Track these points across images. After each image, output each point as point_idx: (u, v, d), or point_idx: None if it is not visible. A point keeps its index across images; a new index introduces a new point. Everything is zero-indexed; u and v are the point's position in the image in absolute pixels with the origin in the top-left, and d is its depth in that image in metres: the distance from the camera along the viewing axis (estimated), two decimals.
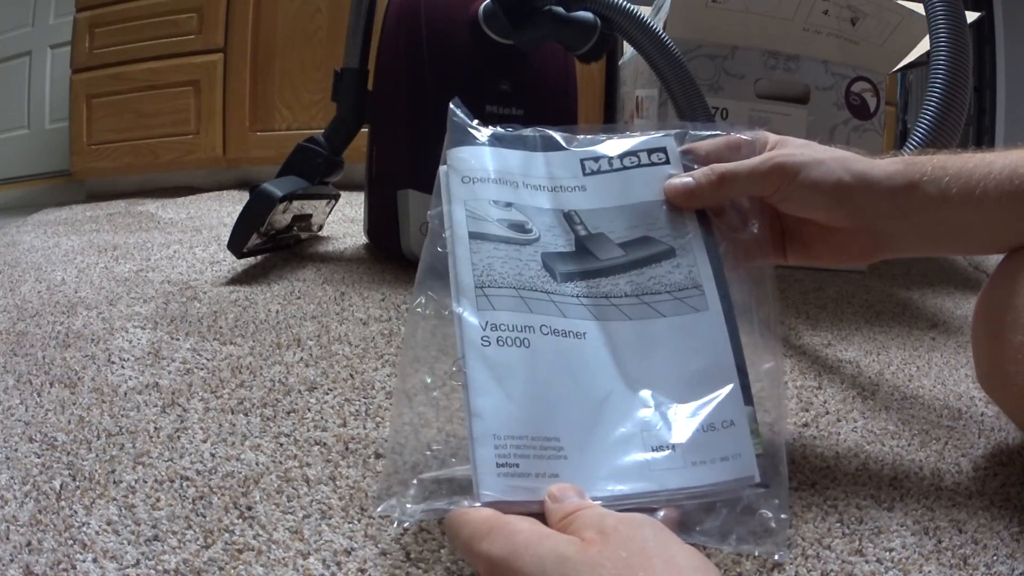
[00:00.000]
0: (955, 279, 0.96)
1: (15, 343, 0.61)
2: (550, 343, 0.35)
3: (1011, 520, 0.37)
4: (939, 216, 0.38)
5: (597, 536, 0.26)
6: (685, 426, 0.34)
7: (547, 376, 0.34)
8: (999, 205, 0.37)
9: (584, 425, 0.33)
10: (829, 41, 0.90)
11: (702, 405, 0.34)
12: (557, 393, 0.34)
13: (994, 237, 0.39)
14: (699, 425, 0.34)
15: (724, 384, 0.35)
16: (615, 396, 0.34)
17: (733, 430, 0.34)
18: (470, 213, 0.38)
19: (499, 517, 0.28)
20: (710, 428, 0.34)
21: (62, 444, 0.43)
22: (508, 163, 0.41)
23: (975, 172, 0.37)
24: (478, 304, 0.35)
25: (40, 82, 1.97)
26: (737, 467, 0.33)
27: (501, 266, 0.36)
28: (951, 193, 0.37)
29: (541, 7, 0.76)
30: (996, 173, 0.37)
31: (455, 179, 0.40)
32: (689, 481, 0.32)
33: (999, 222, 0.38)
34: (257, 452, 0.43)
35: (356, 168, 0.95)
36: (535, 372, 0.34)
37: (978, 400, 0.54)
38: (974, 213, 0.38)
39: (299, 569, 0.33)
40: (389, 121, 0.85)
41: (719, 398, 0.34)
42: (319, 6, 1.61)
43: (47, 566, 0.32)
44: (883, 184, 0.38)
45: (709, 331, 0.36)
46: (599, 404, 0.34)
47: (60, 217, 1.29)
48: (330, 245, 1.03)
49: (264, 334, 0.63)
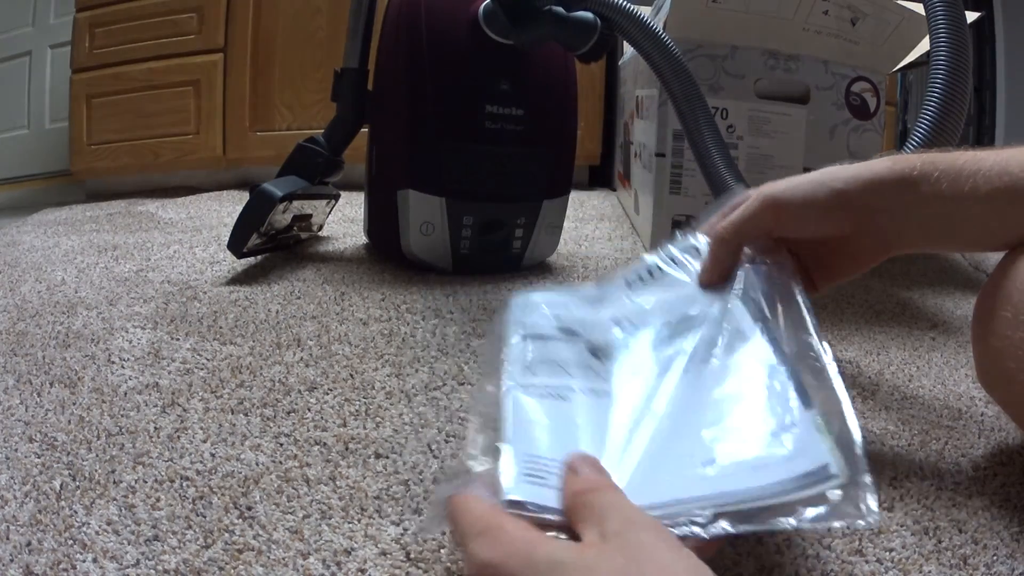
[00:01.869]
0: (955, 279, 0.96)
1: (15, 343, 0.61)
2: (584, 400, 0.36)
3: (1011, 520, 0.37)
4: (933, 211, 0.39)
5: (596, 539, 0.25)
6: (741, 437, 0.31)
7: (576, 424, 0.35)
8: (989, 201, 0.37)
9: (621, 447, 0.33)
10: (829, 41, 0.90)
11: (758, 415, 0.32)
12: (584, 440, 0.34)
13: (988, 233, 0.40)
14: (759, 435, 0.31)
15: (779, 391, 0.33)
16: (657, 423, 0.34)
17: (796, 432, 0.30)
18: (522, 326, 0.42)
19: (495, 517, 0.27)
20: (771, 435, 0.31)
21: (62, 444, 0.43)
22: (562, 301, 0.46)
23: (964, 168, 0.37)
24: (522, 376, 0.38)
25: (40, 82, 1.97)
26: (806, 462, 0.29)
27: (545, 353, 0.39)
28: (941, 188, 0.38)
29: (541, 7, 0.76)
30: (986, 170, 0.37)
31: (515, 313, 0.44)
32: (748, 483, 0.29)
33: (990, 218, 0.38)
34: (257, 452, 0.43)
35: (356, 168, 0.95)
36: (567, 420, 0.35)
37: (978, 400, 0.54)
38: (965, 208, 0.38)
39: (299, 569, 0.33)
40: (389, 121, 0.85)
41: (775, 404, 0.32)
42: (319, 6, 1.62)
43: (47, 566, 0.32)
44: (874, 182, 0.39)
45: (754, 351, 0.35)
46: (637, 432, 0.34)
47: (60, 217, 1.29)
48: (330, 245, 1.03)
49: (264, 334, 0.63)
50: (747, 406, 0.33)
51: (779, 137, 0.92)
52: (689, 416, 0.34)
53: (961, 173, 0.37)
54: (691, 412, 0.34)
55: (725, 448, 0.31)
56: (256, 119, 1.64)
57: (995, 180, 0.36)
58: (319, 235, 1.09)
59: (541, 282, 0.84)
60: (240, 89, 1.61)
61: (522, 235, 0.87)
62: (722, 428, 0.32)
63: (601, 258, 0.97)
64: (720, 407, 0.33)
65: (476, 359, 0.59)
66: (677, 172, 0.94)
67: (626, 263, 0.94)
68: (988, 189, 0.37)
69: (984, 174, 0.37)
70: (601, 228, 1.20)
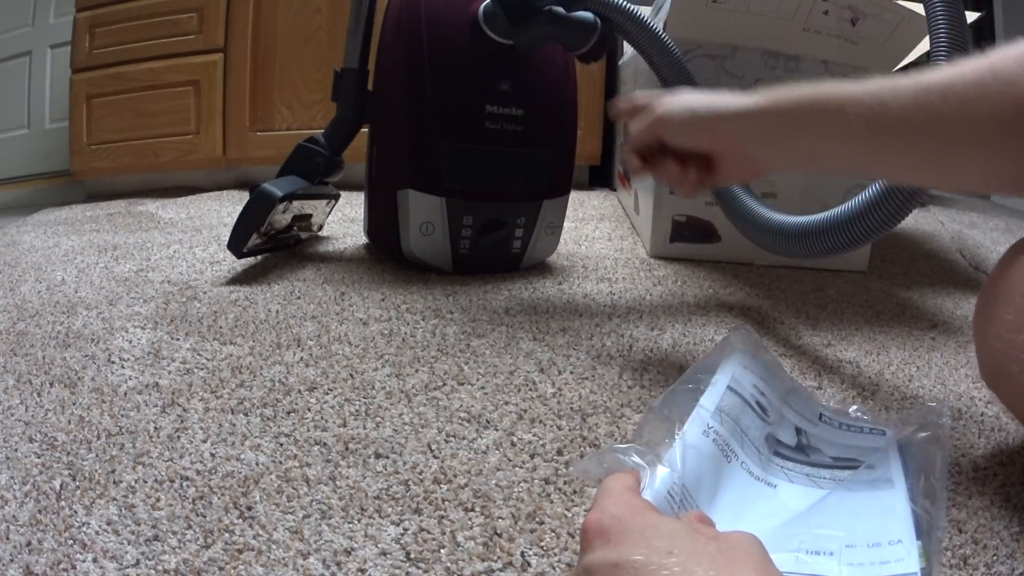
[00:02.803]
0: (955, 279, 0.96)
1: (15, 343, 0.61)
2: (743, 477, 0.38)
3: (1011, 520, 0.37)
4: (797, 145, 0.45)
5: (711, 534, 0.26)
6: (849, 542, 0.34)
7: (727, 485, 0.37)
8: (854, 141, 0.41)
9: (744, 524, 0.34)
10: (829, 41, 0.90)
11: (871, 530, 0.35)
12: (729, 495, 0.36)
13: (855, 166, 0.44)
14: (865, 543, 0.34)
15: (896, 523, 0.35)
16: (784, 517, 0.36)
17: (900, 546, 0.33)
18: (735, 378, 0.44)
19: (633, 493, 0.30)
20: (875, 544, 0.34)
21: (62, 444, 0.43)
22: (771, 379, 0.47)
23: (828, 106, 0.41)
24: (711, 415, 0.40)
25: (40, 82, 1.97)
26: (898, 568, 0.32)
27: (738, 412, 0.41)
28: (805, 126, 0.43)
29: (541, 7, 0.76)
30: (852, 109, 0.40)
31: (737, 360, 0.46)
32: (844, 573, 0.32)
33: (855, 155, 0.42)
34: (257, 452, 0.43)
35: (356, 168, 0.95)
36: (718, 478, 0.37)
37: (978, 400, 0.54)
38: (829, 144, 0.43)
39: (299, 569, 0.33)
40: (389, 121, 0.85)
41: (889, 527, 0.35)
42: (319, 6, 1.61)
43: (47, 566, 0.32)
44: (734, 114, 0.47)
45: (890, 498, 0.37)
46: (767, 522, 0.35)
47: (60, 217, 1.29)
48: (330, 245, 1.03)
49: (264, 334, 0.63)
50: (869, 521, 0.36)
51: None
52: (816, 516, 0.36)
53: (825, 111, 0.42)
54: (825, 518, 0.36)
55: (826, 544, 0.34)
56: (256, 119, 1.64)
57: (857, 122, 0.40)
58: (319, 235, 1.09)
59: (541, 282, 0.84)
60: (240, 89, 1.61)
61: (522, 235, 0.87)
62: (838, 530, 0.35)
63: (601, 258, 0.97)
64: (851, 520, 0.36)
65: (475, 358, 0.59)
66: None
67: (626, 263, 0.94)
68: (850, 131, 0.40)
69: (851, 111, 0.40)
70: (601, 228, 1.20)
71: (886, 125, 0.39)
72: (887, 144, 0.39)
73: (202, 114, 1.61)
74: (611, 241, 1.09)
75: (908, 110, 0.37)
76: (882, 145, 0.40)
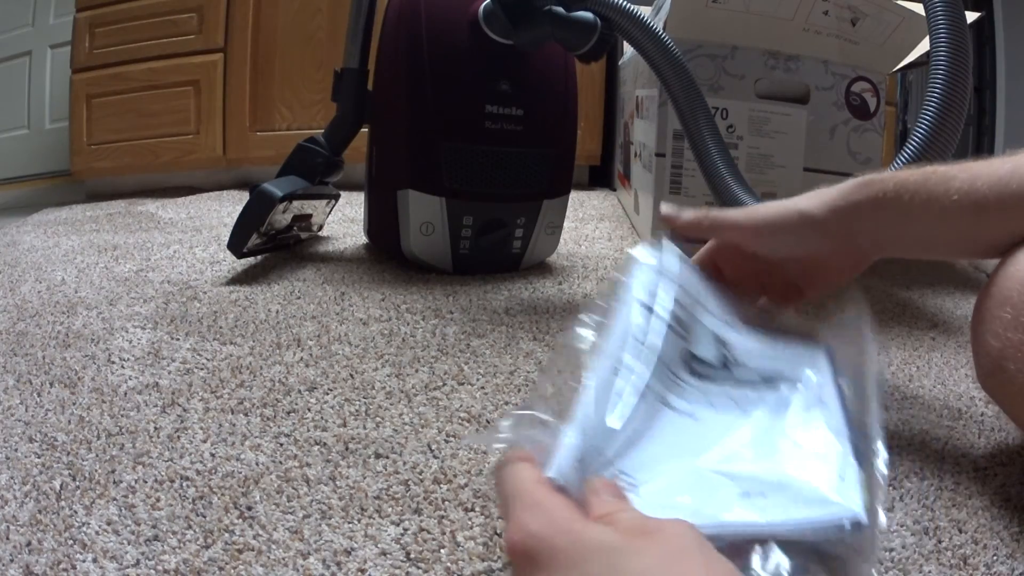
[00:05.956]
0: (955, 279, 0.96)
1: (15, 343, 0.61)
2: (663, 412, 0.36)
3: (1011, 520, 0.37)
4: (902, 231, 0.42)
5: (639, 534, 0.26)
6: (784, 479, 0.32)
7: (647, 432, 0.34)
8: (958, 219, 0.39)
9: (667, 471, 0.33)
10: (829, 41, 0.90)
11: (807, 467, 0.33)
12: (652, 446, 0.34)
13: (959, 246, 0.42)
14: (802, 479, 0.32)
15: (835, 454, 0.34)
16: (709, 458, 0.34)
17: (841, 485, 0.32)
18: (648, 289, 0.40)
19: (547, 494, 0.28)
20: (813, 483, 0.32)
21: (62, 444, 0.43)
22: (694, 280, 0.44)
23: (935, 188, 0.40)
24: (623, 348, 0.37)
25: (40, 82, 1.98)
26: (840, 510, 0.31)
27: (653, 337, 0.38)
28: (913, 209, 0.40)
29: (541, 7, 0.76)
30: (956, 188, 0.39)
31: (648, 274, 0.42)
32: (781, 517, 0.30)
33: (960, 233, 0.41)
34: (257, 452, 0.43)
35: (356, 168, 0.95)
36: (639, 423, 0.34)
37: (978, 400, 0.54)
38: (935, 226, 0.41)
39: (299, 569, 0.33)
40: (389, 121, 0.85)
41: (828, 463, 0.33)
42: (319, 6, 1.61)
43: (47, 566, 0.32)
44: (849, 210, 0.42)
45: (825, 421, 0.36)
46: (690, 463, 0.34)
47: (60, 217, 1.29)
48: (330, 245, 1.03)
49: (264, 334, 0.63)
50: (808, 457, 0.34)
51: (779, 137, 0.91)
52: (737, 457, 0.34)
53: (932, 193, 0.40)
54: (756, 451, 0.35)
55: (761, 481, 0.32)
56: (256, 119, 1.64)
57: (964, 200, 0.39)
58: (319, 235, 1.09)
59: (541, 282, 0.84)
60: (240, 89, 1.61)
61: (522, 235, 0.87)
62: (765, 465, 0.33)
63: (601, 258, 0.97)
64: (782, 455, 0.34)
65: (475, 358, 0.59)
66: (677, 172, 0.94)
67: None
68: (956, 210, 0.39)
69: (953, 192, 0.39)
70: (601, 228, 1.20)
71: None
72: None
73: (202, 114, 1.61)
74: (611, 241, 1.09)
75: None
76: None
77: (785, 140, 0.92)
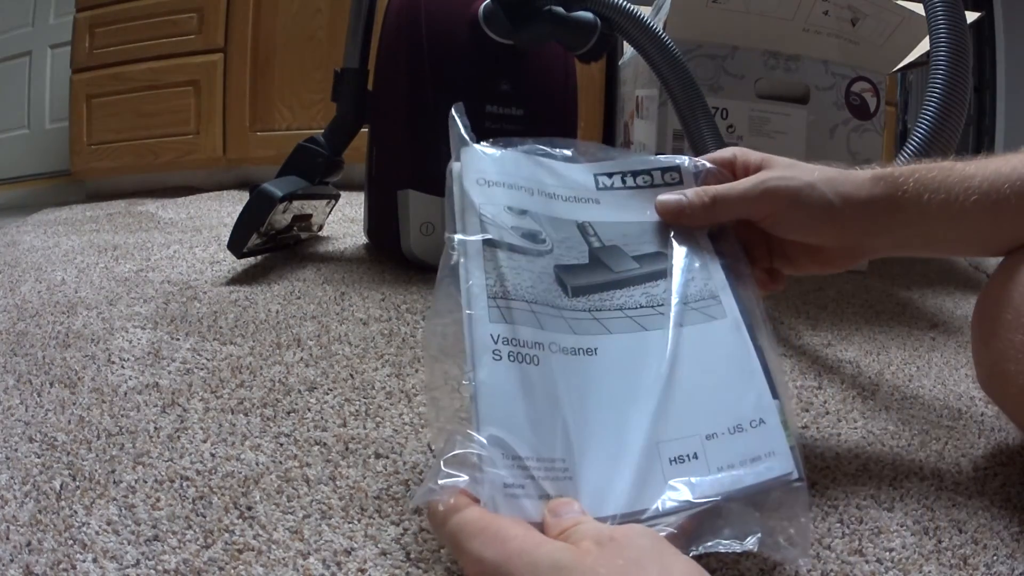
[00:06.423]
0: (955, 279, 0.96)
1: (15, 343, 0.61)
2: (560, 361, 0.33)
3: (1011, 520, 0.37)
4: (919, 229, 0.40)
5: (593, 546, 0.26)
6: (710, 431, 0.32)
7: (555, 395, 0.32)
8: (977, 219, 0.38)
9: (594, 444, 0.32)
10: (829, 41, 0.90)
11: (727, 407, 0.33)
12: (566, 413, 0.32)
13: (972, 246, 0.42)
14: (726, 428, 0.32)
15: (749, 383, 0.34)
16: (628, 411, 0.33)
17: (763, 428, 0.32)
18: (484, 217, 0.36)
19: (492, 518, 0.28)
20: (737, 430, 0.32)
21: (62, 444, 0.43)
22: (521, 168, 0.39)
23: (954, 188, 0.38)
24: (490, 316, 0.34)
25: (40, 82, 1.97)
26: (772, 466, 0.31)
27: (514, 277, 0.35)
28: (931, 209, 0.39)
29: (541, 7, 0.76)
30: (975, 187, 0.38)
31: (469, 180, 0.37)
32: (718, 489, 0.31)
33: (976, 234, 0.40)
34: (257, 452, 0.43)
35: (356, 168, 0.95)
36: (544, 391, 0.32)
37: (978, 400, 0.54)
38: (952, 226, 0.39)
39: (299, 569, 0.33)
40: (389, 121, 0.85)
41: (745, 397, 0.33)
42: (319, 6, 1.61)
43: (47, 566, 0.32)
44: (868, 205, 0.39)
45: (729, 336, 0.36)
46: (610, 422, 0.33)
47: (60, 217, 1.29)
48: (330, 245, 1.03)
49: (264, 334, 0.63)
50: (720, 390, 0.34)
51: (779, 137, 0.91)
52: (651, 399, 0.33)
53: (951, 192, 0.38)
54: (655, 395, 0.33)
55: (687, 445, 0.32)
56: (256, 119, 1.64)
57: (983, 200, 0.38)
58: (319, 235, 1.09)
59: None
60: (240, 89, 1.61)
61: None
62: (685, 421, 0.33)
63: None
64: (685, 392, 0.34)
65: None
66: None
67: None
68: (976, 210, 0.38)
69: (975, 189, 0.38)
70: None
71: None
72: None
73: (202, 114, 1.61)
74: None
75: None
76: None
77: (785, 140, 0.92)
